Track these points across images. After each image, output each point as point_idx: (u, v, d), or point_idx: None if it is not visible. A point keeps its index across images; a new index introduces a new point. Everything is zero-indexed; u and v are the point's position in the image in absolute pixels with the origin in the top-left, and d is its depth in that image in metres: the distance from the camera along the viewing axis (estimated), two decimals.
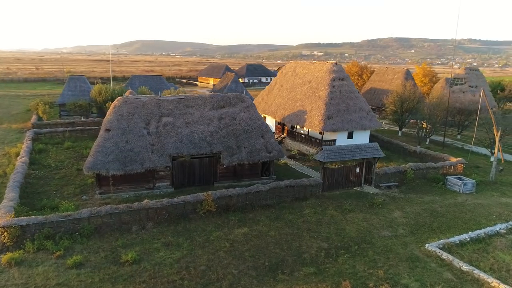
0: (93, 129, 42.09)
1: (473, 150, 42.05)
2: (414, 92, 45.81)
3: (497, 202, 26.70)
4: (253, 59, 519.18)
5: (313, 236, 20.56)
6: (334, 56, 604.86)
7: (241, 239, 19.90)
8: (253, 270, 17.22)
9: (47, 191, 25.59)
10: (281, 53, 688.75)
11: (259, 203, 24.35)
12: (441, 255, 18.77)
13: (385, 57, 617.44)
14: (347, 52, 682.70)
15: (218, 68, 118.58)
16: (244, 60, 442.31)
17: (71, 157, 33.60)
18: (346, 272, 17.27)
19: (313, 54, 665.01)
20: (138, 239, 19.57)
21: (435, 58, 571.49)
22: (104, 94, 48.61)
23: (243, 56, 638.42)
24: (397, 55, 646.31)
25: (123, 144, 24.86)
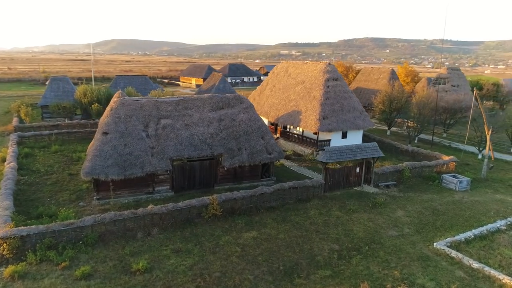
0: (80, 132, 40.72)
1: (460, 148, 43.18)
2: (402, 92, 46.62)
3: (492, 199, 27.43)
4: (231, 59, 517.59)
5: (322, 238, 20.46)
6: (311, 56, 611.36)
7: (252, 243, 19.56)
8: (268, 275, 16.94)
9: (41, 198, 24.42)
10: (259, 53, 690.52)
11: (263, 205, 24.07)
12: (450, 253, 19.05)
13: (361, 56, 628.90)
14: (325, 51, 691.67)
15: (201, 68, 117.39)
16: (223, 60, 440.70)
17: (61, 162, 32.25)
18: (362, 273, 17.24)
19: (291, 53, 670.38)
20: (145, 246, 18.91)
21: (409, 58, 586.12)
22: (90, 95, 47.08)
23: (221, 55, 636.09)
24: (372, 55, 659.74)
25: (122, 148, 24.02)
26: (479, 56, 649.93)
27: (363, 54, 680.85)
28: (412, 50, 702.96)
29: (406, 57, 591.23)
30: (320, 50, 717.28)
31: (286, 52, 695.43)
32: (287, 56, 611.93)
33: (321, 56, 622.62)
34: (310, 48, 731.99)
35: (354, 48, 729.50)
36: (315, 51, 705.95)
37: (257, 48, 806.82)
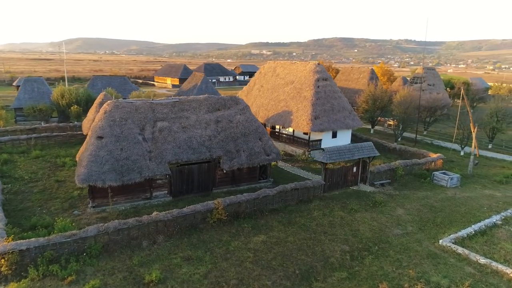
0: (60, 136, 38.73)
1: (441, 145, 44.69)
2: (385, 91, 47.64)
3: (482, 195, 28.46)
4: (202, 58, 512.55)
5: (332, 239, 20.41)
6: (282, 55, 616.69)
7: (262, 248, 19.21)
8: (286, 280, 16.66)
9: (30, 208, 22.94)
10: (230, 52, 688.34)
11: (266, 207, 23.75)
12: (457, 250, 19.51)
13: (330, 56, 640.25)
14: (295, 51, 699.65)
15: (176, 67, 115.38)
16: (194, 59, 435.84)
17: (44, 168, 30.51)
18: (377, 274, 17.31)
19: (262, 53, 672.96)
20: (153, 255, 18.12)
21: (376, 58, 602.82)
22: (68, 97, 44.96)
23: (192, 55, 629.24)
24: (341, 54, 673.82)
25: (118, 152, 22.96)
26: (441, 56, 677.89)
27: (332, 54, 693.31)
28: (379, 50, 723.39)
29: (373, 57, 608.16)
30: (290, 50, 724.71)
31: (257, 52, 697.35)
32: (258, 56, 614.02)
33: (292, 55, 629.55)
34: (281, 48, 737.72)
35: (323, 47, 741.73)
36: (285, 50, 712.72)
37: (228, 48, 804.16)
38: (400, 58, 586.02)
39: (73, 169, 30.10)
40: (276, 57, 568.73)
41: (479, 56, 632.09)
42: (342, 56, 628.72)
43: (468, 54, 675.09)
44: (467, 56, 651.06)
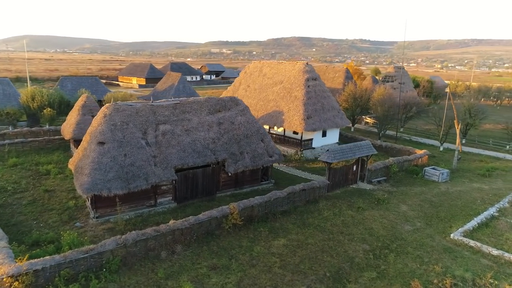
0: (36, 141, 35.97)
1: (420, 141, 46.62)
2: (365, 90, 48.90)
3: (472, 188, 29.96)
4: (161, 57, 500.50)
5: (350, 239, 20.53)
6: (242, 54, 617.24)
7: (286, 252, 18.91)
8: (319, 284, 16.49)
9: (24, 222, 21.04)
10: (189, 51, 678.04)
11: (276, 209, 23.45)
12: (469, 243, 20.33)
13: (290, 55, 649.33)
14: (255, 50, 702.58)
15: (142, 67, 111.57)
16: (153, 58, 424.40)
17: (26, 176, 28.17)
18: (404, 271, 17.60)
19: (222, 52, 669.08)
20: (176, 267, 17.24)
21: (334, 56, 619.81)
22: (40, 99, 41.89)
23: (150, 53, 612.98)
24: (300, 53, 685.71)
25: (122, 158, 21.63)
26: (394, 55, 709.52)
27: (291, 53, 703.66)
28: (336, 49, 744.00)
29: (331, 56, 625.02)
30: (250, 49, 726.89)
31: (217, 51, 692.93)
32: (218, 55, 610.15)
33: (252, 54, 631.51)
34: (241, 47, 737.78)
35: (282, 46, 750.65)
36: (245, 49, 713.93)
37: (187, 46, 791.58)
38: (356, 57, 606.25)
39: (59, 177, 28.15)
40: (236, 56, 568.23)
41: (428, 56, 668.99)
42: (300, 55, 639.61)
43: (418, 54, 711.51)
44: (417, 55, 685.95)
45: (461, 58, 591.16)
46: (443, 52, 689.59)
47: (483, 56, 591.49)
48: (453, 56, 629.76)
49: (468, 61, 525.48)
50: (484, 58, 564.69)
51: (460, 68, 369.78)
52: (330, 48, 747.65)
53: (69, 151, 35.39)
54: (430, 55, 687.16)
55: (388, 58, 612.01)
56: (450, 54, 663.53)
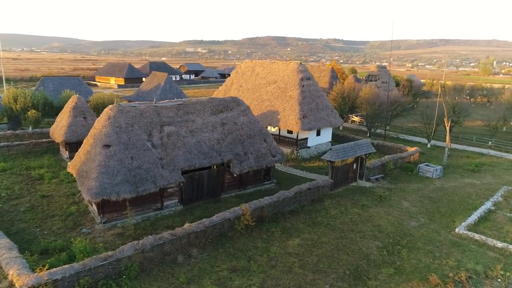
0: (23, 145, 34.47)
1: (407, 138, 47.89)
2: (353, 89, 49.75)
3: (464, 183, 31.08)
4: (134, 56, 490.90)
5: (362, 237, 20.84)
6: (218, 54, 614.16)
7: (303, 251, 18.98)
8: (341, 282, 16.65)
9: (27, 230, 20.11)
10: (164, 50, 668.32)
11: (284, 209, 23.52)
12: (474, 237, 21.09)
13: (265, 54, 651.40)
14: (230, 49, 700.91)
15: (120, 66, 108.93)
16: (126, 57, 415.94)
17: (19, 182, 26.95)
18: (420, 266, 18.04)
19: (197, 51, 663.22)
20: (196, 270, 16.96)
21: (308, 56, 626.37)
22: (23, 100, 40.14)
23: (122, 53, 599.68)
24: (275, 53, 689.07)
25: (129, 161, 21.05)
26: (366, 54, 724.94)
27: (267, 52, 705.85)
28: (311, 48, 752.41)
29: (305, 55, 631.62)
30: (225, 48, 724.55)
31: (192, 50, 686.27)
32: (193, 54, 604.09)
33: (227, 54, 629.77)
34: (216, 46, 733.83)
35: (258, 46, 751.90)
36: (221, 48, 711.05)
37: (161, 45, 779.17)
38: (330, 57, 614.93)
39: (54, 182, 27.13)
40: (212, 55, 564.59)
41: (399, 55, 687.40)
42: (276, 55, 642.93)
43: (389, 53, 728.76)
44: (388, 54, 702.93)
45: (430, 57, 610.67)
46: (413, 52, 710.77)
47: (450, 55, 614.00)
48: (422, 55, 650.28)
49: (437, 61, 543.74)
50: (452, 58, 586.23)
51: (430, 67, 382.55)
52: (304, 48, 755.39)
53: (58, 155, 34.13)
54: (401, 54, 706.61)
55: (361, 58, 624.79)
56: (420, 54, 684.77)
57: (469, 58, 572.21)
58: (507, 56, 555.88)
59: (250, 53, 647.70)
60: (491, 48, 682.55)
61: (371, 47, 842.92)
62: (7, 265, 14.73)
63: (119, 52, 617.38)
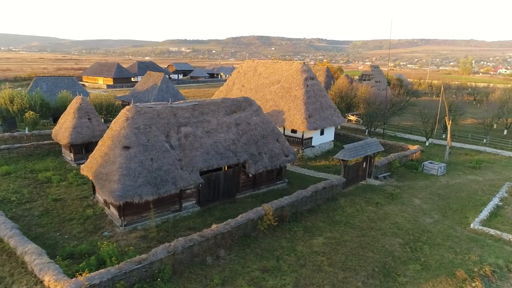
0: (23, 147, 33.55)
1: (404, 137, 48.78)
2: (352, 88, 50.35)
3: (469, 180, 31.90)
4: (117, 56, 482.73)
5: (383, 234, 21.18)
6: (202, 53, 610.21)
7: (328, 250, 19.16)
8: (372, 279, 16.90)
9: (46, 234, 19.64)
10: (147, 49, 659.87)
11: (301, 208, 23.67)
12: (489, 232, 21.71)
13: (249, 54, 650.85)
14: (214, 48, 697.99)
15: (108, 66, 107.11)
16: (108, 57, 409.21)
17: (26, 185, 26.26)
18: (444, 262, 18.47)
19: (181, 50, 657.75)
20: (227, 272, 16.92)
21: (293, 55, 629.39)
22: (20, 101, 39.07)
23: (104, 52, 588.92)
24: (260, 52, 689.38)
25: (149, 163, 20.79)
26: (349, 54, 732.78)
27: (251, 52, 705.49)
28: (294, 48, 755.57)
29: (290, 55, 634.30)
30: (209, 47, 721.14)
31: (175, 49, 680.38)
32: (176, 53, 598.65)
33: (212, 53, 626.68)
34: (200, 45, 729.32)
35: (242, 45, 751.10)
36: (205, 48, 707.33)
37: (144, 45, 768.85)
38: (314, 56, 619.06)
39: (64, 185, 26.60)
40: (196, 54, 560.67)
41: (381, 54, 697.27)
42: (260, 54, 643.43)
43: (371, 52, 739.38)
44: (371, 54, 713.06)
45: (411, 57, 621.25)
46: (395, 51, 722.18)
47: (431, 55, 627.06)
48: (404, 55, 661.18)
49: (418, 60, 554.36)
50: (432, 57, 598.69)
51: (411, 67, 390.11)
52: (288, 47, 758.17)
53: (61, 157, 33.39)
54: (383, 54, 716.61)
55: (345, 57, 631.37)
56: (401, 53, 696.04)
57: (448, 58, 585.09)
58: (484, 56, 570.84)
59: (235, 53, 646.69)
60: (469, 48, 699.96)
61: (354, 46, 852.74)
62: (41, 270, 14.37)
63: (101, 51, 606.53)
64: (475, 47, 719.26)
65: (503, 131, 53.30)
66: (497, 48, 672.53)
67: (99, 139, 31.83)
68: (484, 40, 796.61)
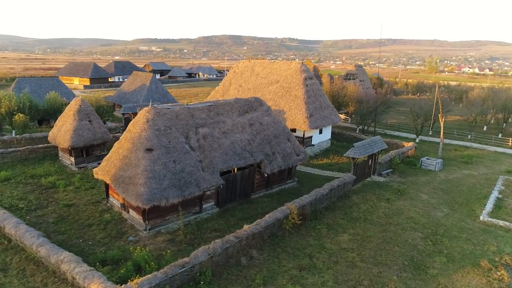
0: (18, 151, 32.04)
1: (394, 134, 50.35)
2: (343, 88, 51.39)
3: (465, 175, 33.42)
4: (84, 55, 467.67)
5: (402, 229, 21.89)
6: (173, 52, 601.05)
7: (356, 246, 19.61)
8: (405, 272, 17.48)
9: (67, 241, 18.92)
10: (116, 49, 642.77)
11: (319, 206, 24.05)
12: (498, 223, 22.92)
13: (222, 53, 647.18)
14: (186, 48, 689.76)
15: (84, 66, 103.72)
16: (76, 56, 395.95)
17: (30, 191, 25.16)
18: (466, 253, 19.35)
19: (152, 50, 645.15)
20: (264, 271, 16.98)
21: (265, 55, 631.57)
22: (7, 104, 37.26)
23: (71, 51, 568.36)
24: (232, 51, 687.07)
25: (172, 165, 20.48)
26: (320, 53, 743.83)
27: (223, 51, 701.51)
28: (266, 47, 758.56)
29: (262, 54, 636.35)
30: (181, 47, 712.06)
31: (146, 48, 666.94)
32: (147, 52, 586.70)
33: (183, 52, 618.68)
34: (171, 44, 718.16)
35: (214, 45, 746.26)
36: (176, 47, 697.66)
37: (112, 44, 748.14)
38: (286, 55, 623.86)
39: (71, 190, 25.72)
40: (167, 54, 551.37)
41: (351, 54, 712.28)
42: (232, 53, 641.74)
43: (341, 52, 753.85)
44: (341, 53, 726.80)
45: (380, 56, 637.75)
46: (364, 51, 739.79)
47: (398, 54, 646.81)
48: (372, 54, 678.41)
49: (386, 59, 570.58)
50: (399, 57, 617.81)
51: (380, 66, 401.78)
52: (260, 46, 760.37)
53: (58, 161, 32.15)
54: (353, 53, 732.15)
55: (316, 56, 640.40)
56: (370, 53, 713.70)
57: (414, 57, 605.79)
58: (447, 55, 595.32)
59: (207, 52, 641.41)
60: (434, 48, 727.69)
61: (324, 46, 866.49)
62: (85, 278, 13.89)
63: (67, 50, 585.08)
64: (439, 46, 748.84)
65: (483, 127, 56.12)
66: (459, 48, 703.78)
67: (100, 142, 31.37)
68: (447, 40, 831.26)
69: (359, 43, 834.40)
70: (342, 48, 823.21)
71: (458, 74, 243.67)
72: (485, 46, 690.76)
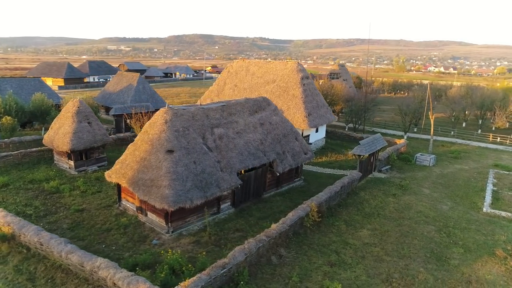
0: (10, 156, 30.54)
1: (382, 131, 51.85)
2: (332, 87, 52.36)
3: (458, 169, 35.01)
4: (49, 54, 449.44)
5: (416, 222, 22.72)
6: (143, 51, 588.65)
7: (378, 241, 20.18)
8: (429, 264, 18.19)
9: (90, 247, 18.22)
10: (82, 48, 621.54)
11: (332, 203, 24.52)
12: (501, 214, 24.24)
13: (193, 52, 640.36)
14: (156, 47, 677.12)
15: (57, 66, 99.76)
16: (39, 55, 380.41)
17: (34, 197, 24.10)
18: (480, 243, 20.37)
19: (120, 49, 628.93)
20: (297, 269, 17.18)
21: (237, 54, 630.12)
22: None
23: (34, 50, 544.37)
24: (203, 51, 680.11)
25: (193, 166, 20.27)
26: (291, 53, 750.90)
27: (194, 50, 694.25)
28: (238, 46, 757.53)
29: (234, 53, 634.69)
30: (151, 46, 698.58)
31: (114, 47, 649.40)
32: (116, 52, 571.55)
33: (153, 51, 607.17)
34: (140, 43, 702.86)
35: (185, 44, 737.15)
36: (146, 46, 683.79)
37: (79, 43, 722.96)
38: (258, 55, 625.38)
39: (77, 194, 24.89)
40: (137, 53, 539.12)
41: (321, 53, 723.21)
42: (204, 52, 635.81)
43: (312, 51, 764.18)
44: (312, 53, 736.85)
45: (349, 56, 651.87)
46: (334, 50, 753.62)
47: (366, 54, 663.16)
48: (342, 54, 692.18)
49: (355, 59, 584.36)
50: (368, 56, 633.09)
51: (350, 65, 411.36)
52: (232, 46, 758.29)
53: (53, 164, 30.93)
54: (323, 53, 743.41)
55: (287, 56, 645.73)
56: (340, 52, 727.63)
57: (382, 57, 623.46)
58: (413, 55, 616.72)
59: (178, 51, 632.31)
60: (400, 47, 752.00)
61: (295, 45, 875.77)
62: (129, 284, 13.56)
63: (30, 49, 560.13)
64: (405, 46, 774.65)
65: (462, 124, 58.88)
66: (423, 48, 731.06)
67: (100, 144, 30.44)
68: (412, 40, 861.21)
69: (329, 43, 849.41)
70: (313, 47, 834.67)
71: (425, 73, 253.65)
72: (447, 46, 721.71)
